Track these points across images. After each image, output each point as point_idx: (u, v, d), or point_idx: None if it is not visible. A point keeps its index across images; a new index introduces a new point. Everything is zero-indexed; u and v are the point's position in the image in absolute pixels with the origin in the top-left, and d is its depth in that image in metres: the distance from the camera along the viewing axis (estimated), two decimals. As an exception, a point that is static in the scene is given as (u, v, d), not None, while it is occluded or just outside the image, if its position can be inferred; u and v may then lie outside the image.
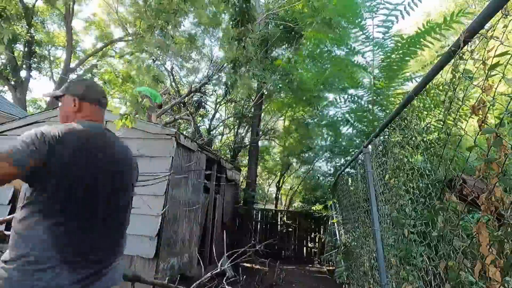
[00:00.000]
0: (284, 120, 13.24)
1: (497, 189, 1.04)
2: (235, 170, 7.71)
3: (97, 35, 15.06)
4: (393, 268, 2.14)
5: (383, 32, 5.38)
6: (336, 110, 6.82)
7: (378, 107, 5.82)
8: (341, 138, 6.79)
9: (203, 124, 12.38)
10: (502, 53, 1.08)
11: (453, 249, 1.42)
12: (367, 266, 3.12)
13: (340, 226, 5.61)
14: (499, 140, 1.02)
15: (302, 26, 7.80)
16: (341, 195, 5.35)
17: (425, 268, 1.72)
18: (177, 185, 4.47)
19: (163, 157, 4.28)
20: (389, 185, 2.33)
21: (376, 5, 5.27)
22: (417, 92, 1.75)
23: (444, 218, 1.47)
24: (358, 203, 3.55)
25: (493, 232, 1.06)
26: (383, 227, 2.49)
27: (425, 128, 2.67)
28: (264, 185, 17.28)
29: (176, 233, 4.45)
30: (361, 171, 3.49)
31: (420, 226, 1.81)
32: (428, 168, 1.96)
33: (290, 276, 6.60)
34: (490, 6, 1.12)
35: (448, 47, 1.36)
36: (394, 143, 2.43)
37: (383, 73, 5.56)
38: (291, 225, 9.67)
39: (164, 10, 3.26)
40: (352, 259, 4.20)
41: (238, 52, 3.80)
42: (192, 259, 5.02)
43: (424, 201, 1.81)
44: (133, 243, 3.93)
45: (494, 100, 1.08)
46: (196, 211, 5.13)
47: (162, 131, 4.39)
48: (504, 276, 1.01)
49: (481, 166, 1.11)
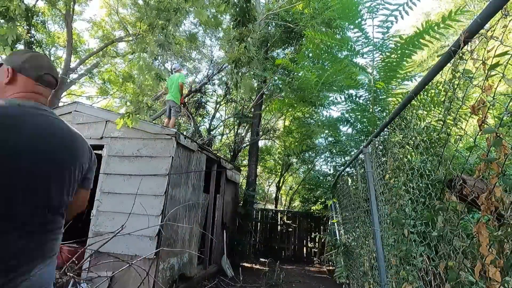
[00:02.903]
0: (284, 120, 13.24)
1: (497, 189, 1.04)
2: (235, 170, 7.71)
3: (99, 35, 15.07)
4: (393, 268, 2.14)
5: (382, 32, 5.39)
6: (336, 110, 6.83)
7: (377, 107, 5.82)
8: (341, 139, 6.79)
9: (203, 124, 12.37)
10: (502, 53, 1.08)
11: (453, 249, 1.42)
12: (367, 266, 3.12)
13: (340, 226, 5.61)
14: (499, 140, 1.02)
15: (302, 26, 7.80)
16: (341, 195, 5.35)
17: (425, 268, 1.72)
18: (177, 185, 4.47)
19: (163, 157, 4.29)
20: (389, 185, 2.33)
21: (376, 5, 5.27)
22: (417, 92, 1.75)
23: (444, 218, 1.47)
24: (358, 203, 3.55)
25: (493, 232, 1.06)
26: (383, 227, 2.49)
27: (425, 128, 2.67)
28: (264, 185, 17.28)
29: (176, 233, 4.45)
30: (361, 171, 3.49)
31: (420, 226, 1.81)
32: (428, 168, 1.96)
33: (290, 276, 6.60)
34: (490, 6, 1.12)
35: (448, 47, 1.36)
36: (394, 143, 2.43)
37: (382, 73, 5.57)
38: (291, 225, 9.67)
39: (164, 9, 3.27)
40: (352, 259, 4.20)
41: (240, 53, 3.80)
42: (192, 259, 5.02)
43: (424, 201, 1.81)
44: (133, 243, 3.94)
45: (494, 100, 1.08)
46: (196, 211, 5.13)
47: (162, 131, 4.39)
48: (504, 276, 1.01)
49: (481, 166, 1.11)
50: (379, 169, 2.70)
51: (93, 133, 4.59)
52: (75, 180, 1.23)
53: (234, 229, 7.67)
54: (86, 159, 1.28)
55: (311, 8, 7.96)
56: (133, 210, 4.04)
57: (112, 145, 4.49)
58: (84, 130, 4.59)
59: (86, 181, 1.33)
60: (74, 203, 1.31)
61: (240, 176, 8.57)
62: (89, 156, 1.30)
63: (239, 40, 3.81)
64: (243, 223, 8.18)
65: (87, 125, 4.68)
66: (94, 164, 1.35)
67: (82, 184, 1.31)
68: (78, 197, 1.32)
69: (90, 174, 1.34)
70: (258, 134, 9.74)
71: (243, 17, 3.73)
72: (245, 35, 3.79)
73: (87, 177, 1.33)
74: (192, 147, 4.89)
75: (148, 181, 4.21)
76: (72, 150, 1.21)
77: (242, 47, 3.77)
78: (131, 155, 4.39)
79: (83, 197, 1.36)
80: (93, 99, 17.36)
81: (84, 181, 1.31)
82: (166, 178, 4.18)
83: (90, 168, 1.33)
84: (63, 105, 5.67)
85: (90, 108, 4.87)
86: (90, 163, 1.32)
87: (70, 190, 1.21)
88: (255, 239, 9.35)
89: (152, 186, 4.18)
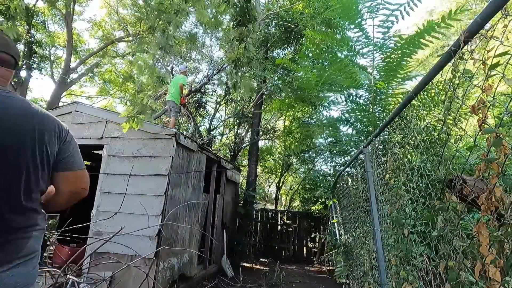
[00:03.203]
0: (284, 120, 13.24)
1: (497, 189, 1.04)
2: (235, 170, 7.71)
3: (99, 35, 15.08)
4: (393, 268, 2.14)
5: (383, 32, 5.39)
6: (336, 110, 6.83)
7: (378, 107, 5.82)
8: (341, 139, 6.79)
9: (203, 124, 12.37)
10: (502, 53, 1.08)
11: (453, 249, 1.42)
12: (367, 266, 3.12)
13: (340, 226, 5.61)
14: (499, 140, 1.02)
15: (302, 26, 7.80)
16: (341, 195, 5.35)
17: (425, 268, 1.72)
18: (177, 185, 4.47)
19: (163, 157, 4.29)
20: (389, 185, 2.33)
21: (376, 5, 5.27)
22: (417, 92, 1.75)
23: (444, 218, 1.47)
24: (358, 203, 3.55)
25: (493, 232, 1.06)
26: (383, 227, 2.49)
27: (425, 128, 2.67)
28: (264, 185, 17.28)
29: (176, 233, 4.45)
30: (361, 171, 3.49)
31: (420, 226, 1.81)
32: (428, 168, 1.96)
33: (290, 276, 6.60)
34: (490, 6, 1.12)
35: (448, 47, 1.36)
36: (394, 143, 2.43)
37: (383, 73, 5.57)
38: (291, 225, 9.67)
39: (165, 11, 3.27)
40: (352, 259, 4.20)
41: (240, 53, 3.79)
42: (192, 259, 5.02)
43: (424, 201, 1.81)
44: (133, 243, 3.93)
45: (494, 100, 1.08)
46: (196, 211, 5.13)
47: (162, 131, 4.39)
48: (504, 276, 1.01)
49: (481, 166, 1.11)
50: (379, 169, 2.70)
51: (93, 133, 4.59)
52: (40, 168, 1.10)
53: (234, 229, 7.67)
54: (52, 140, 1.15)
55: (311, 7, 7.96)
56: (133, 210, 4.04)
57: (112, 145, 4.48)
58: (84, 130, 4.59)
59: (62, 162, 1.19)
60: (61, 188, 1.21)
61: (240, 176, 8.57)
62: (56, 135, 1.17)
63: (239, 40, 3.80)
64: (243, 223, 8.18)
65: (87, 125, 4.68)
66: (67, 144, 1.22)
67: (58, 167, 1.18)
68: (61, 181, 1.21)
69: (65, 154, 1.20)
70: (258, 134, 9.74)
71: (243, 17, 3.72)
72: (245, 35, 3.79)
73: (62, 158, 1.19)
74: (192, 147, 4.89)
75: (148, 181, 4.21)
76: (26, 134, 1.07)
77: (242, 47, 3.77)
78: (131, 155, 4.39)
79: (70, 180, 1.22)
80: (93, 99, 17.38)
81: (59, 163, 1.18)
82: (166, 178, 4.18)
83: (63, 149, 1.19)
84: (63, 105, 5.67)
85: (90, 108, 4.87)
86: (60, 144, 1.19)
87: (35, 180, 1.08)
88: (255, 239, 9.35)
89: (152, 186, 4.18)
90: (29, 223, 1.07)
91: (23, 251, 1.04)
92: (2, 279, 0.97)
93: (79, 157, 1.27)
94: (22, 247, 1.04)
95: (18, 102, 1.11)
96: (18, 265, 1.02)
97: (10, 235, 1.01)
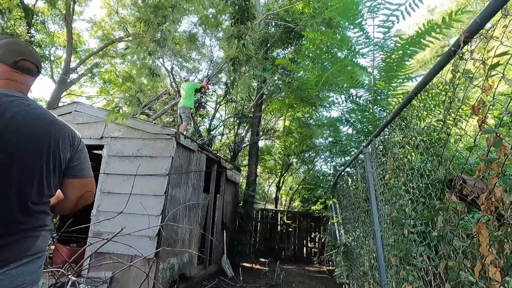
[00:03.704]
0: (284, 120, 13.24)
1: (497, 189, 1.04)
2: (235, 170, 7.71)
3: (99, 35, 15.08)
4: (393, 268, 2.14)
5: (383, 32, 5.38)
6: (336, 110, 6.83)
7: (378, 107, 5.82)
8: (341, 139, 6.79)
9: (203, 124, 12.37)
10: (502, 53, 1.08)
11: (453, 249, 1.42)
12: (367, 266, 3.12)
13: (340, 226, 5.61)
14: (499, 140, 1.02)
15: (302, 26, 7.80)
16: (341, 195, 5.35)
17: (425, 268, 1.72)
18: (177, 185, 4.47)
19: (163, 157, 4.29)
20: (389, 185, 2.33)
21: (377, 5, 5.26)
22: (417, 92, 1.75)
23: (444, 218, 1.47)
24: (358, 203, 3.55)
25: (493, 232, 1.06)
26: (383, 227, 2.49)
27: (425, 128, 2.67)
28: (264, 185, 17.28)
29: (176, 233, 4.45)
30: (361, 171, 3.49)
31: (420, 226, 1.81)
32: (428, 168, 1.96)
33: (290, 276, 6.60)
34: (490, 6, 1.12)
35: (449, 47, 1.36)
36: (394, 143, 2.43)
37: (383, 73, 5.56)
38: (291, 225, 9.67)
39: (162, 6, 3.25)
40: (352, 259, 4.20)
41: (238, 50, 3.78)
42: (192, 259, 5.02)
43: (424, 201, 1.81)
44: (133, 243, 3.93)
45: (494, 100, 1.08)
46: (196, 211, 5.13)
47: (162, 131, 4.39)
48: (504, 276, 1.01)
49: (481, 166, 1.11)
50: (379, 169, 2.70)
51: (93, 133, 4.59)
52: (52, 172, 1.14)
53: (234, 229, 7.67)
54: (66, 147, 1.20)
55: (311, 7, 7.95)
56: (133, 210, 4.04)
57: (112, 145, 4.48)
58: (84, 130, 4.59)
59: (73, 170, 1.24)
60: (68, 194, 1.25)
61: (240, 176, 8.57)
62: (69, 143, 1.22)
63: (237, 38, 3.78)
64: (243, 223, 8.18)
65: (87, 125, 4.67)
66: (78, 152, 1.27)
67: (68, 173, 1.23)
68: (69, 187, 1.25)
69: (76, 162, 1.25)
70: (258, 134, 9.74)
71: (241, 15, 3.71)
72: (243, 32, 3.77)
73: (72, 165, 1.24)
74: (192, 147, 4.89)
75: (148, 181, 4.21)
76: (43, 141, 1.12)
77: (240, 45, 3.75)
78: (131, 155, 4.39)
79: (78, 187, 1.27)
80: (93, 99, 17.38)
81: (69, 170, 1.23)
82: (166, 178, 4.18)
83: (74, 157, 1.24)
84: (63, 105, 5.67)
85: (90, 108, 4.87)
86: (72, 152, 1.23)
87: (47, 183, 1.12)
88: (255, 239, 9.35)
89: (152, 186, 4.18)
90: (39, 223, 1.11)
91: (32, 250, 1.07)
92: (12, 276, 0.99)
93: (88, 165, 1.33)
94: (31, 246, 1.07)
95: (37, 109, 1.16)
96: (27, 263, 1.05)
97: (21, 234, 1.05)
